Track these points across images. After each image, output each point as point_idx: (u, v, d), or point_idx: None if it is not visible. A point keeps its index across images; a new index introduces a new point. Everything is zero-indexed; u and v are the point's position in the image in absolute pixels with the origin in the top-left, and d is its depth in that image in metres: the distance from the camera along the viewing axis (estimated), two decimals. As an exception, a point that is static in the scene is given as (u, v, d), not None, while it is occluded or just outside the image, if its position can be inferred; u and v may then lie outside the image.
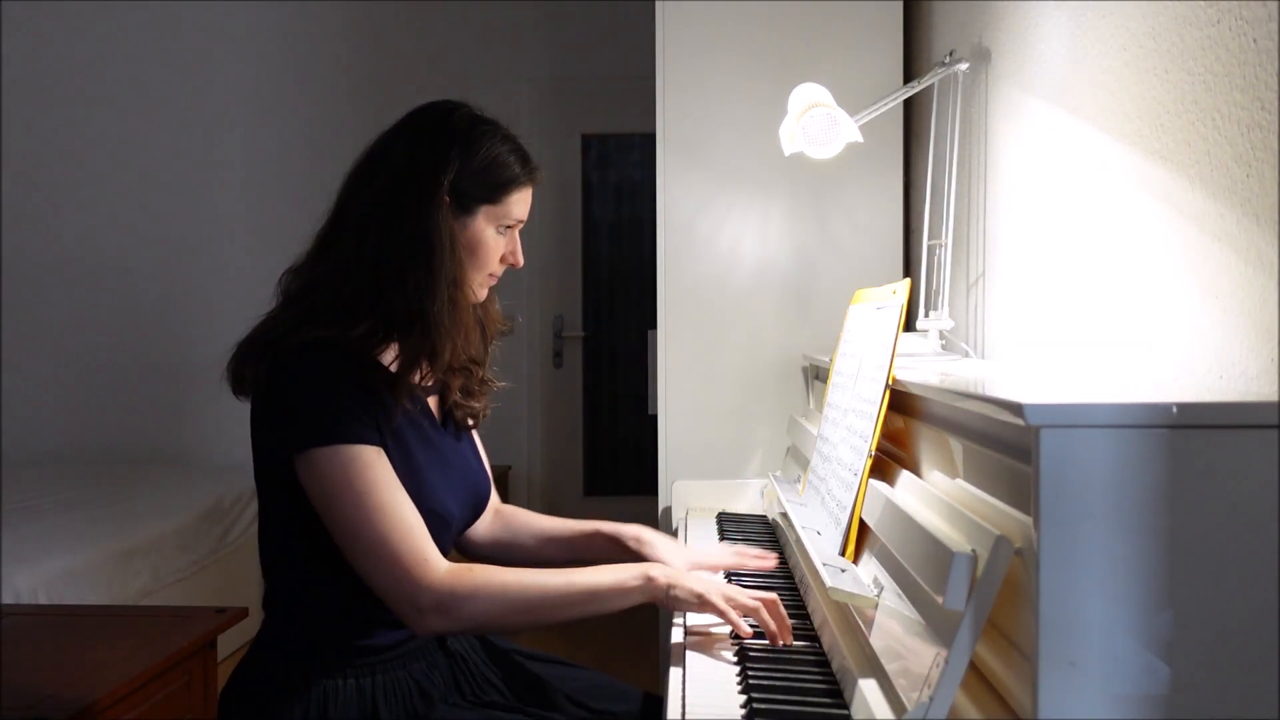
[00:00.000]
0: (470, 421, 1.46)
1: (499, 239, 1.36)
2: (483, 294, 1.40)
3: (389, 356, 1.32)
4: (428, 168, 1.29)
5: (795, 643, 1.26)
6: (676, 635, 1.31)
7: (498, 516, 1.59)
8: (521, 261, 1.41)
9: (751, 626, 1.26)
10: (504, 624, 1.26)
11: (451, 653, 1.40)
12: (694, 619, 1.33)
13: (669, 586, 1.24)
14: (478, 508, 1.48)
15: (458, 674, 1.39)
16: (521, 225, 1.40)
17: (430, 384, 1.40)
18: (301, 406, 1.23)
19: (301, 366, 1.25)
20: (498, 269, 1.39)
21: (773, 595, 1.27)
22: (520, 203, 1.36)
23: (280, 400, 1.25)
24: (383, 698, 1.29)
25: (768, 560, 1.56)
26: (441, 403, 1.43)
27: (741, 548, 1.61)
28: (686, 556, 1.50)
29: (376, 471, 1.22)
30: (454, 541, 1.45)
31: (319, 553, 1.27)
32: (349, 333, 1.29)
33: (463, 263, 1.32)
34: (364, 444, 1.22)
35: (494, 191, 1.33)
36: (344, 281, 1.29)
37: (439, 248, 1.27)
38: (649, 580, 1.24)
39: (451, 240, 1.29)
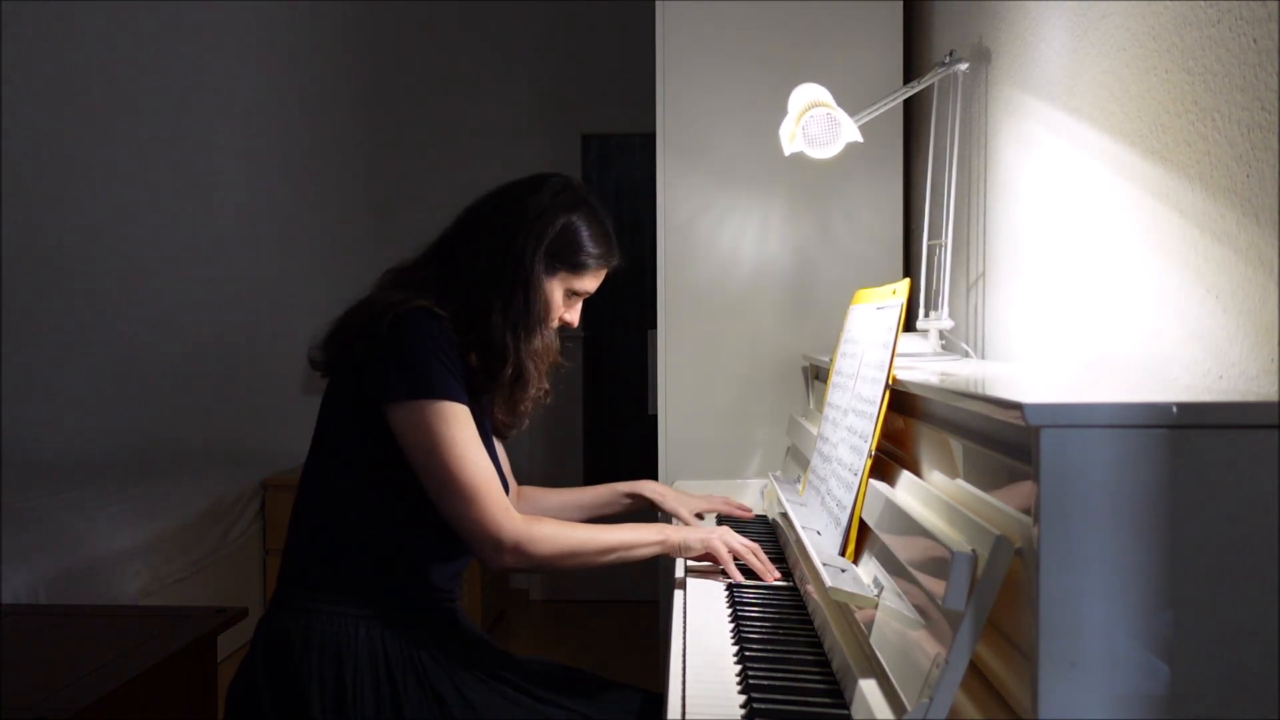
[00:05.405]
0: (505, 430, 1.61)
1: (564, 302, 1.56)
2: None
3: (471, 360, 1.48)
4: (538, 222, 1.49)
5: (796, 646, 1.27)
6: (679, 570, 1.59)
7: (523, 499, 1.81)
8: (576, 323, 1.61)
9: (744, 574, 1.54)
10: (560, 565, 1.45)
11: (462, 629, 1.49)
12: (692, 562, 1.64)
13: (681, 541, 1.53)
14: None
15: (468, 653, 1.46)
16: (588, 296, 1.59)
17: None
18: (420, 361, 1.38)
19: (422, 325, 1.40)
20: (554, 325, 1.58)
21: (756, 545, 1.56)
22: (594, 279, 1.57)
23: (397, 351, 1.38)
24: (396, 655, 1.39)
25: (749, 512, 1.94)
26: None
27: (727, 495, 1.98)
28: (691, 504, 1.85)
29: (472, 430, 1.40)
30: None
31: (359, 514, 1.43)
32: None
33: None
34: (464, 405, 1.40)
35: (576, 266, 1.53)
36: (448, 286, 1.46)
37: (536, 291, 1.48)
38: (666, 538, 1.51)
39: (542, 288, 1.49)
